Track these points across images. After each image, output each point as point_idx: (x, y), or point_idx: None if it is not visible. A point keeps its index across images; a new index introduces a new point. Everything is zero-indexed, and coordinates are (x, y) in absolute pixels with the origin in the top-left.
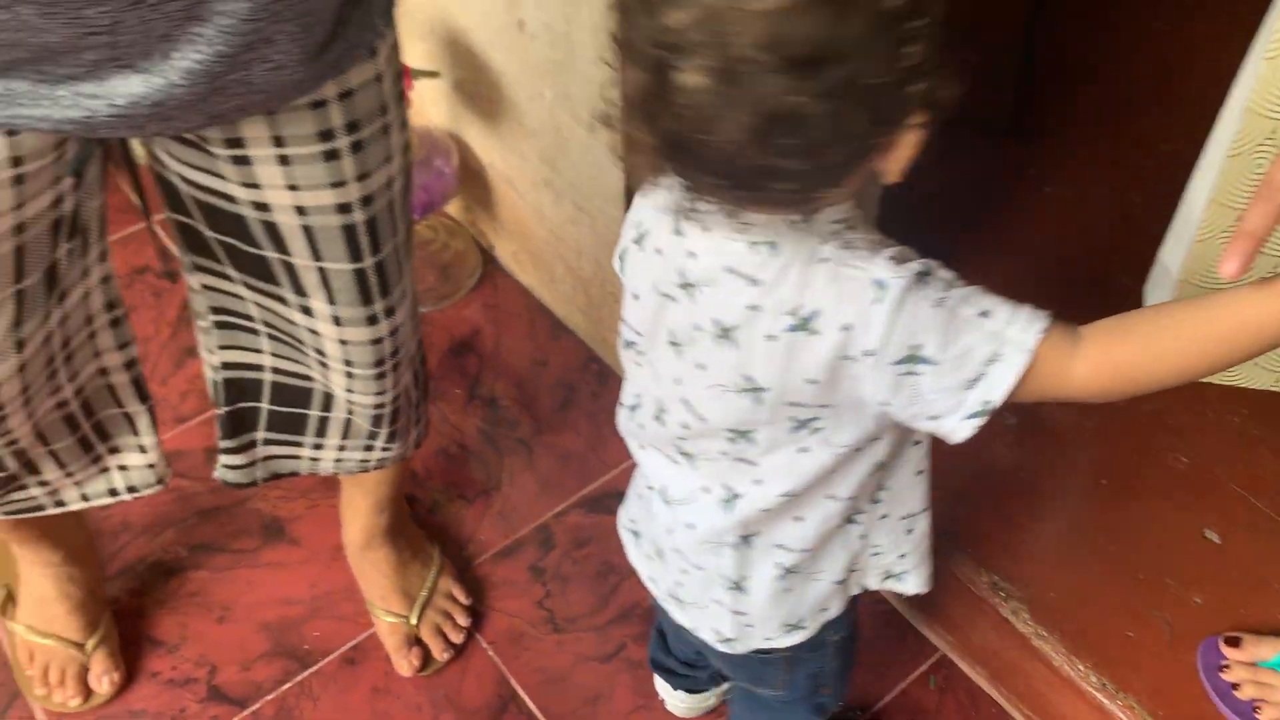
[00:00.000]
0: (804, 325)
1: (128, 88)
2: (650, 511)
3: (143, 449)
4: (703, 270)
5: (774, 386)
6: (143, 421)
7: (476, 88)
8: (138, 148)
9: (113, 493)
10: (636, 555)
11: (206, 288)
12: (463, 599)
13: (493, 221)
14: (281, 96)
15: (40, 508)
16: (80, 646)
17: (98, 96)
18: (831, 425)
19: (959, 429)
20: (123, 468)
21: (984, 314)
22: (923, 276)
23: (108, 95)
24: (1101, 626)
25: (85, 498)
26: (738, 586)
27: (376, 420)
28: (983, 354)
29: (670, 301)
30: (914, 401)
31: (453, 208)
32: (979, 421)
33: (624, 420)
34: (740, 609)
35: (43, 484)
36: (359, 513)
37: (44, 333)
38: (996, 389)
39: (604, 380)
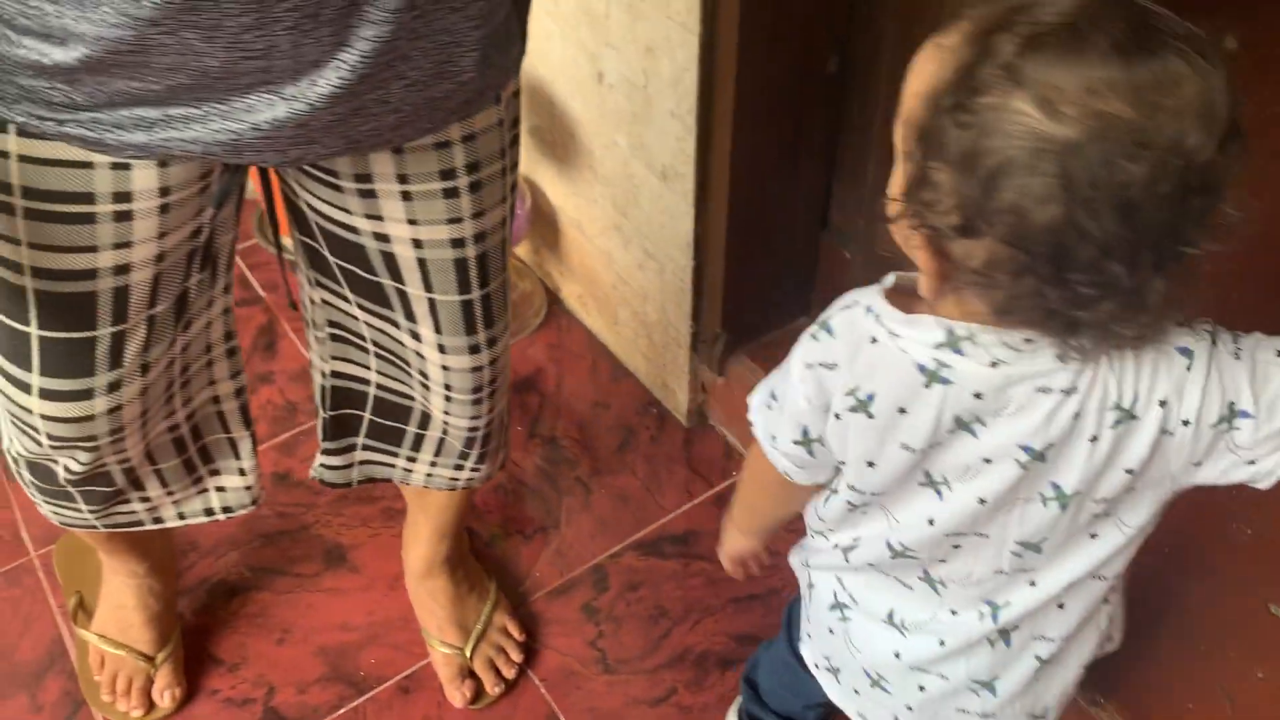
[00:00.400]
0: (1128, 415)
1: (273, 111)
2: (857, 642)
3: (242, 471)
4: (1000, 403)
5: (1083, 488)
6: (245, 446)
7: (553, 135)
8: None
9: (209, 513)
10: (840, 693)
11: (325, 303)
12: (516, 634)
13: (560, 264)
14: (414, 121)
15: (139, 523)
16: (150, 659)
17: (244, 120)
18: (1128, 507)
19: (1277, 471)
20: (220, 489)
21: None
22: (1214, 335)
23: (253, 119)
24: (1160, 697)
25: (182, 516)
26: (988, 687)
27: (469, 442)
28: None
29: (935, 449)
30: (1233, 455)
31: (521, 249)
32: None
33: (832, 558)
34: (987, 710)
35: (144, 500)
36: (421, 538)
37: (168, 358)
38: None
39: (663, 424)
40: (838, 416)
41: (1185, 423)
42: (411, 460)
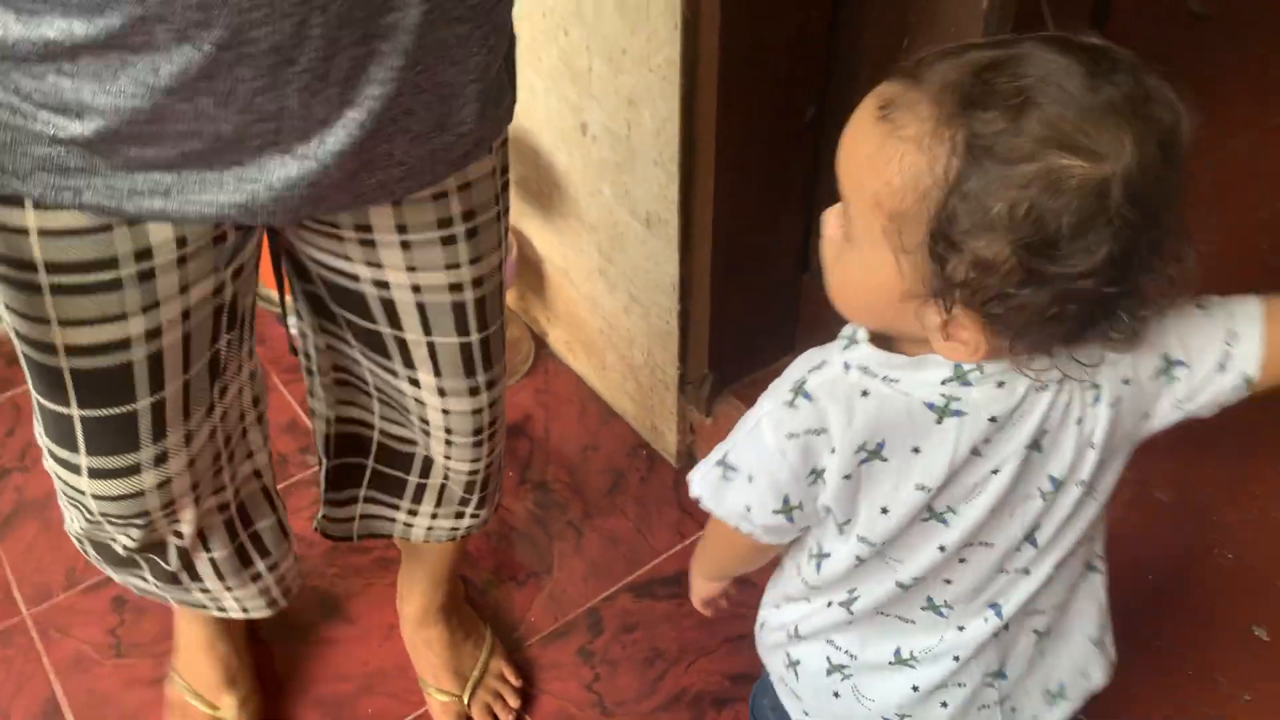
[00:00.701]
0: (1098, 389)
1: (284, 170)
2: (868, 694)
3: (291, 550)
4: (1010, 417)
5: (1068, 471)
6: (285, 519)
7: (539, 185)
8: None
9: (272, 604)
10: None
11: (331, 348)
12: (513, 680)
13: (546, 310)
14: (417, 174)
15: (204, 607)
16: (215, 709)
17: (257, 180)
18: (1099, 478)
19: (1222, 398)
20: (277, 572)
21: (1200, 306)
22: None
23: (266, 179)
24: None
25: (246, 610)
26: (999, 675)
27: (469, 486)
28: (1220, 336)
29: (946, 484)
30: (1179, 412)
31: (508, 296)
32: (1244, 392)
33: (827, 618)
34: (1003, 694)
35: (204, 591)
36: (416, 586)
37: (209, 427)
38: (1249, 361)
39: (653, 466)
40: (847, 477)
41: (1125, 381)
42: (412, 514)
